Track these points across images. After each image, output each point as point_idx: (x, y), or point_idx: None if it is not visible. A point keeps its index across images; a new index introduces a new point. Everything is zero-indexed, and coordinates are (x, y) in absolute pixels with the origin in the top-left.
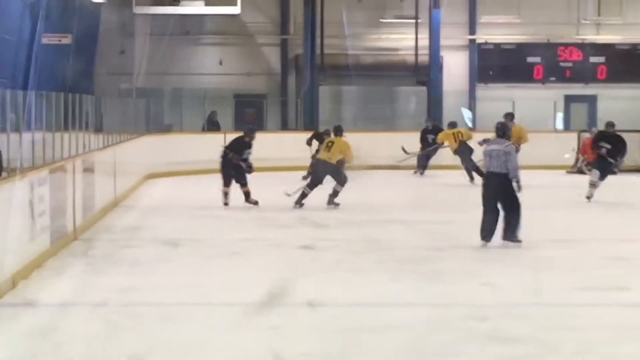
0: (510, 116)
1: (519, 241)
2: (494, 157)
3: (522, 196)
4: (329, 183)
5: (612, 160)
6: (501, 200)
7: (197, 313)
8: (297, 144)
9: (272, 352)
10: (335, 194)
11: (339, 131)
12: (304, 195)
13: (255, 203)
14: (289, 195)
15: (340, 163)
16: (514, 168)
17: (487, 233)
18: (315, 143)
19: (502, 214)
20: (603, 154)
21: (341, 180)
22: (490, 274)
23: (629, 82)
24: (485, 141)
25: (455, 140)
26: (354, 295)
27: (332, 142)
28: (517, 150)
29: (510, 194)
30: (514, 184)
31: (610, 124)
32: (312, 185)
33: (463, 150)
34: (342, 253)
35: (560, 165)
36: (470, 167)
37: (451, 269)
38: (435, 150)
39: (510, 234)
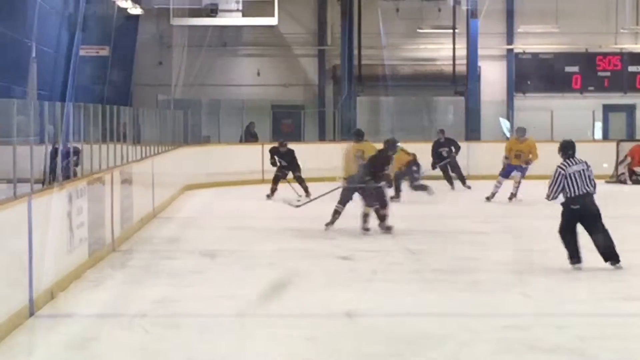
0: (522, 131)
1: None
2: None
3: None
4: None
5: None
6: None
7: (235, 324)
8: (335, 154)
9: None
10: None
11: (360, 136)
12: (337, 213)
13: (388, 229)
14: (297, 206)
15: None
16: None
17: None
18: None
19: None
20: None
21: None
22: (527, 283)
23: None
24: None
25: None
26: (392, 305)
27: (362, 151)
28: (528, 164)
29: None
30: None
31: None
32: (345, 201)
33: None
34: (379, 263)
35: (600, 175)
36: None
37: (488, 279)
38: (447, 165)
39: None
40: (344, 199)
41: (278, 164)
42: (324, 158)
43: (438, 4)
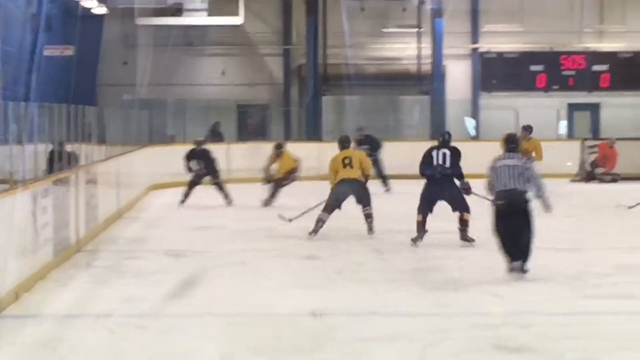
0: (529, 128)
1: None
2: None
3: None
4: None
5: None
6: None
7: (200, 324)
8: (300, 154)
9: None
10: (370, 217)
11: (346, 142)
12: (321, 222)
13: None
14: (290, 220)
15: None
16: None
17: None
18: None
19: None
20: None
21: (370, 200)
22: (496, 282)
23: (632, 89)
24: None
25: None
26: (358, 305)
27: (349, 157)
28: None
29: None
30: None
31: None
32: (331, 210)
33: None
34: (345, 263)
35: (565, 174)
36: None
37: (455, 278)
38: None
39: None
40: (331, 208)
41: (192, 168)
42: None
43: (403, 4)
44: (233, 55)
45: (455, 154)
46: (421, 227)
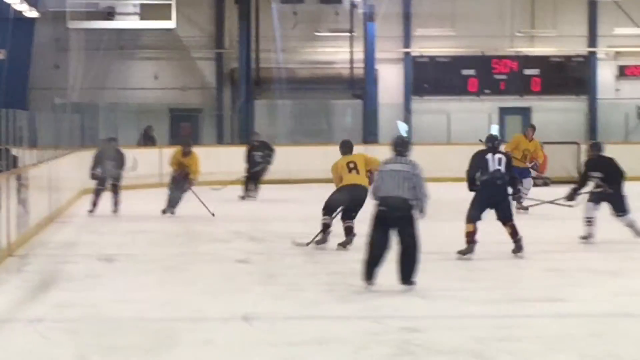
0: (533, 129)
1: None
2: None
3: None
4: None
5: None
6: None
7: (132, 328)
8: (233, 158)
9: None
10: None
11: (349, 148)
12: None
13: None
14: (306, 244)
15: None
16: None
17: None
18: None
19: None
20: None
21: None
22: (425, 286)
23: (562, 94)
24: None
25: None
26: (289, 309)
27: (354, 162)
28: (536, 167)
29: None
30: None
31: (596, 146)
32: (333, 213)
33: None
34: (276, 267)
35: None
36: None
37: (385, 281)
38: (263, 171)
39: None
40: (331, 210)
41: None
42: (222, 161)
43: (335, 8)
44: (165, 59)
45: (509, 159)
46: (472, 238)
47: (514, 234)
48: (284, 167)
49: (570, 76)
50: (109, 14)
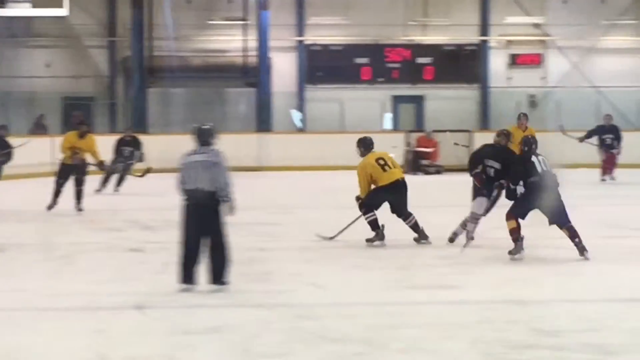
0: (525, 117)
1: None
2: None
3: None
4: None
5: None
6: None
7: (23, 318)
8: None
9: (99, 356)
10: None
11: (370, 145)
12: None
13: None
14: (331, 238)
15: None
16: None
17: None
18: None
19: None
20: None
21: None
22: (318, 274)
23: (455, 82)
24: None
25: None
26: (182, 298)
27: (383, 158)
28: None
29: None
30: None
31: (503, 134)
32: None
33: None
34: (170, 256)
35: None
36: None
37: (278, 269)
38: (129, 167)
39: None
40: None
41: None
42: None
43: None
44: (58, 48)
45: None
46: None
47: (573, 235)
48: (179, 156)
49: (462, 65)
50: (0, 2)
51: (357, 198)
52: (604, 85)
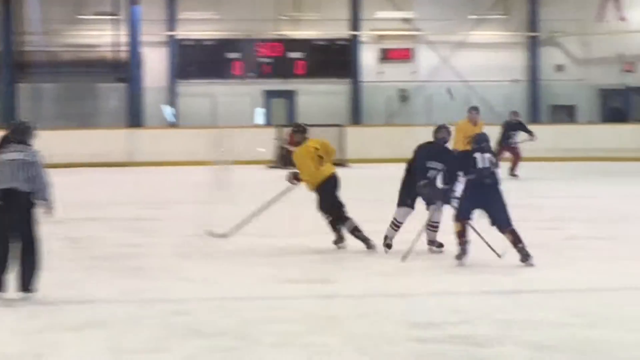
0: (476, 110)
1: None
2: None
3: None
4: None
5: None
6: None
7: None
8: None
9: None
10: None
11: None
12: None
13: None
14: (223, 235)
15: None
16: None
17: None
18: None
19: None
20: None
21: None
22: (190, 269)
23: (327, 77)
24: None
25: None
26: (49, 293)
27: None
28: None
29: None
30: None
31: (444, 128)
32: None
33: None
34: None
35: (259, 161)
36: None
37: (151, 265)
38: None
39: None
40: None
41: None
42: None
43: None
44: None
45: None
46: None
47: (514, 240)
48: (48, 152)
49: (333, 59)
50: None
51: (295, 175)
52: (473, 79)
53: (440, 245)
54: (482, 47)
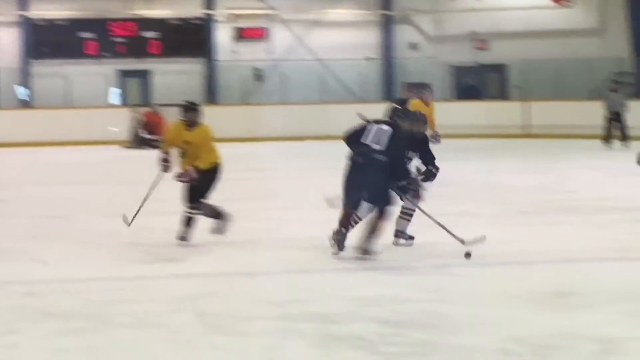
0: (429, 90)
1: None
2: None
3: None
4: None
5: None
6: None
7: None
8: None
9: None
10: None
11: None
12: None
13: None
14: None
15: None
16: None
17: None
18: None
19: None
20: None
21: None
22: (43, 250)
23: (181, 56)
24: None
25: None
26: None
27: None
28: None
29: None
30: None
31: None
32: None
33: None
34: None
35: (112, 141)
36: None
37: (2, 246)
38: None
39: None
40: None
41: None
42: None
43: None
44: None
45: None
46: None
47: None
48: None
49: (188, 39)
50: None
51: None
52: (328, 57)
53: (411, 237)
54: (337, 26)
